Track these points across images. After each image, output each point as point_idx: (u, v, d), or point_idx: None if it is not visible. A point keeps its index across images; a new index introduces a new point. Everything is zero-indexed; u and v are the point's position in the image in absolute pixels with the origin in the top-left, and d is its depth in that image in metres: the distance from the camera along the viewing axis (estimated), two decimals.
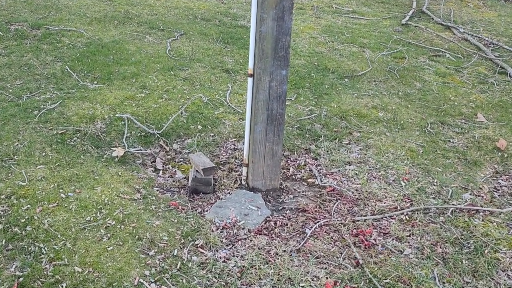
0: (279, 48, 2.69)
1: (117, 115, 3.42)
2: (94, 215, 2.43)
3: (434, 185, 3.09)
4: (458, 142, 3.66)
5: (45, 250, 2.20)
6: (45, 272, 2.08)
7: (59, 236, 2.27)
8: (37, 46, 4.38)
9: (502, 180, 3.24)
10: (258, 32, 2.65)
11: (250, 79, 2.79)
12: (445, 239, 2.58)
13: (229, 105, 3.80)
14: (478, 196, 3.04)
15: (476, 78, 4.81)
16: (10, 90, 3.62)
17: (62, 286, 2.03)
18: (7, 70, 3.90)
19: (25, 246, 2.21)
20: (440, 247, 2.53)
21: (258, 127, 2.83)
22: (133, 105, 3.62)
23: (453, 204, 2.90)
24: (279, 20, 2.62)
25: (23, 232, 2.29)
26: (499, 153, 3.53)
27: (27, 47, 4.33)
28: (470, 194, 3.05)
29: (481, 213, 2.84)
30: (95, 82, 3.89)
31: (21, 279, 2.04)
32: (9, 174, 2.68)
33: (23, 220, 2.35)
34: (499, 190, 3.13)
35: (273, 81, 2.75)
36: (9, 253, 2.17)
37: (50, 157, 2.88)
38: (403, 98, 4.27)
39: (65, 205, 2.48)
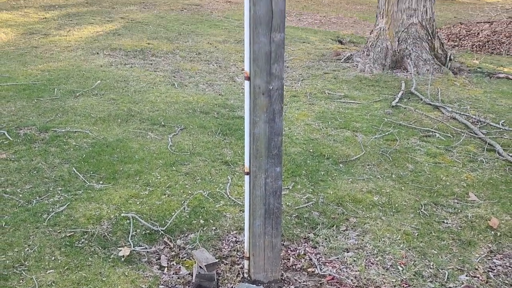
0: (272, 147, 2.89)
1: (122, 214, 3.58)
2: None
3: (431, 268, 3.19)
4: (451, 222, 3.79)
5: None
6: None
7: None
8: (45, 149, 4.61)
9: (496, 259, 3.34)
10: (252, 134, 2.86)
11: (246, 177, 2.97)
12: None
13: (229, 198, 3.97)
14: (474, 277, 3.13)
15: (466, 156, 5.00)
16: (21, 195, 3.81)
17: None
18: (17, 175, 4.10)
19: None
20: None
21: (257, 221, 2.98)
22: (138, 203, 3.78)
23: (449, 287, 2.99)
24: (270, 122, 2.84)
25: None
26: (492, 232, 3.65)
27: (35, 151, 4.56)
28: (466, 276, 3.14)
29: None
30: (101, 182, 4.08)
31: None
32: (21, 281, 2.80)
33: None
34: (494, 270, 3.23)
35: (268, 177, 2.93)
36: None
37: (60, 261, 3.01)
38: (397, 180, 4.44)
39: None
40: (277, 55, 2.77)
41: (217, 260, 3.02)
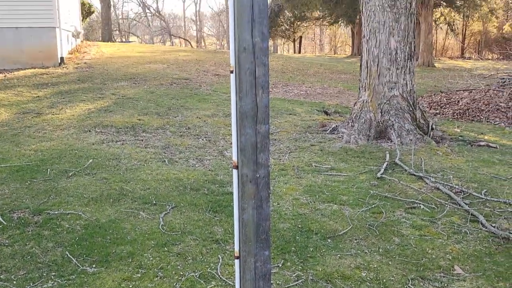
0: (261, 232, 3.02)
1: None
2: None
3: None
4: None
5: None
6: None
7: None
8: (38, 233, 4.69)
9: None
10: (241, 220, 3.00)
11: (236, 261, 3.08)
12: None
13: (220, 278, 4.04)
14: None
15: (450, 228, 5.14)
16: (15, 282, 3.86)
17: None
18: (11, 261, 4.17)
19: None
20: None
21: None
22: (130, 286, 3.85)
23: None
24: (258, 208, 2.99)
25: None
26: None
27: (29, 235, 4.64)
28: None
29: None
30: (94, 266, 4.15)
31: None
32: None
33: None
34: None
35: (258, 261, 3.05)
36: None
37: None
38: (384, 255, 4.55)
39: None
40: (263, 145, 2.96)
41: None
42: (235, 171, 3.02)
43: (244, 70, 2.88)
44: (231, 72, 2.94)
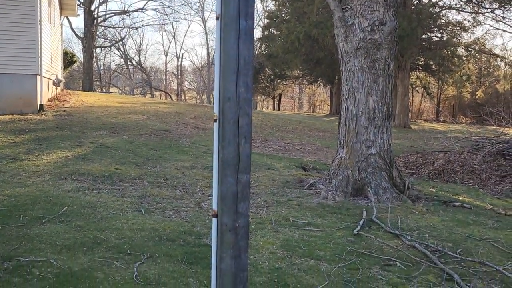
0: (238, 283, 2.99)
1: None
2: None
3: None
4: None
5: None
6: None
7: None
8: (7, 280, 4.55)
9: None
10: (218, 269, 2.98)
11: None
12: None
13: None
14: None
15: (426, 286, 5.14)
16: None
17: None
18: None
19: None
20: None
21: None
22: None
23: None
24: (236, 258, 2.97)
25: None
26: None
27: None
28: None
29: None
30: None
31: None
32: None
33: None
34: None
35: None
36: None
37: None
38: None
39: None
40: (244, 194, 2.97)
41: None
42: (214, 220, 3.02)
43: (228, 119, 2.93)
44: (215, 121, 2.99)
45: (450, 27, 30.38)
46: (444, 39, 30.06)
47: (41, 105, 15.59)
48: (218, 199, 2.98)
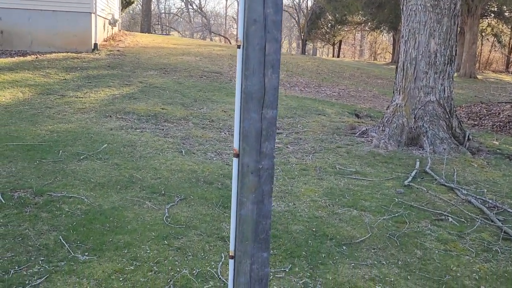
0: (260, 231, 2.67)
1: None
2: None
3: None
4: None
5: None
6: None
7: None
8: (36, 214, 4.45)
9: None
10: (238, 215, 2.66)
11: (231, 261, 2.74)
12: None
13: (219, 278, 3.70)
14: None
15: (480, 245, 4.68)
16: None
17: None
18: (0, 242, 3.92)
19: None
20: None
21: None
22: (121, 279, 3.55)
23: None
24: (259, 203, 2.64)
25: None
26: None
27: (26, 216, 4.40)
28: None
29: None
30: (86, 254, 3.86)
31: None
32: None
33: None
34: None
35: (254, 264, 2.69)
36: None
37: None
38: (403, 268, 4.13)
39: None
40: (268, 133, 2.60)
41: None
42: (235, 160, 2.68)
43: (253, 45, 2.53)
44: (238, 47, 2.60)
45: None
46: None
47: (95, 44, 15.56)
48: (239, 137, 2.62)
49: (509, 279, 4.07)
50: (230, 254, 2.75)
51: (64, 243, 3.98)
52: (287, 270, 3.95)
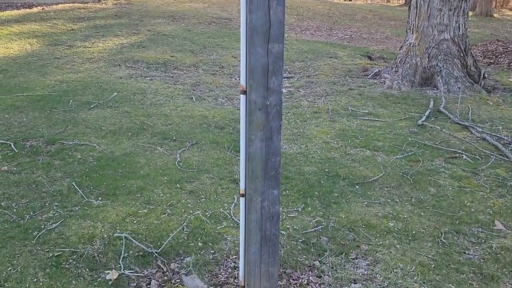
0: (269, 168, 2.64)
1: (115, 234, 3.38)
2: None
3: None
4: (473, 253, 3.45)
5: None
6: None
7: None
8: (48, 162, 4.47)
9: None
10: (247, 153, 2.63)
11: (242, 199, 2.73)
12: None
13: (232, 219, 3.73)
14: None
15: (494, 181, 4.64)
16: (14, 210, 3.65)
17: None
18: (15, 189, 3.96)
19: None
20: None
21: (252, 248, 2.73)
22: (135, 221, 3.58)
23: None
24: (267, 141, 2.60)
25: None
26: None
27: (38, 164, 4.43)
28: None
29: None
30: (100, 198, 3.90)
31: None
32: None
33: None
34: None
35: (265, 201, 2.68)
36: None
37: (41, 283, 2.82)
38: (416, 205, 4.12)
39: None
40: (275, 68, 2.53)
41: None
42: (242, 97, 2.62)
43: None
44: None
45: None
46: None
47: None
48: (246, 73, 2.56)
49: None
50: (240, 192, 2.74)
51: (78, 189, 4.02)
52: (300, 210, 3.96)
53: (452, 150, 5.38)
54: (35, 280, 2.86)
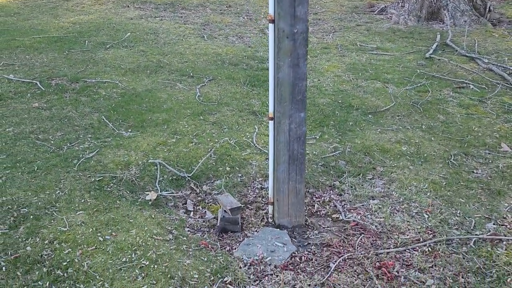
0: (296, 93, 2.86)
1: (150, 160, 3.64)
2: (129, 256, 2.61)
3: (457, 216, 3.16)
4: (481, 172, 3.72)
5: None
6: None
7: (97, 277, 2.45)
8: (75, 98, 4.69)
9: None
10: (276, 78, 2.84)
11: (271, 122, 2.97)
12: (468, 269, 2.64)
13: (255, 146, 3.98)
14: (502, 225, 3.08)
15: (500, 108, 4.86)
16: (52, 142, 3.90)
17: None
18: (49, 123, 4.20)
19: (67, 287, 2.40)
20: (463, 277, 2.59)
21: (281, 167, 2.99)
22: (165, 150, 3.83)
23: (476, 234, 2.96)
24: (294, 66, 2.80)
25: (65, 275, 2.48)
26: None
27: (66, 100, 4.65)
28: (494, 224, 3.10)
29: (504, 242, 2.88)
30: (130, 130, 4.14)
31: None
32: (52, 221, 2.90)
33: (64, 263, 2.54)
34: None
35: (293, 123, 2.92)
36: None
37: (89, 203, 3.10)
38: (427, 131, 4.36)
39: (103, 247, 2.67)
40: None
41: (241, 205, 3.05)
42: (271, 26, 2.81)
43: None
44: None
45: None
46: None
47: None
48: (274, 2, 2.73)
49: None
50: (269, 116, 2.97)
51: (107, 122, 4.25)
52: (317, 137, 4.20)
53: (460, 80, 5.57)
54: (82, 200, 3.13)
